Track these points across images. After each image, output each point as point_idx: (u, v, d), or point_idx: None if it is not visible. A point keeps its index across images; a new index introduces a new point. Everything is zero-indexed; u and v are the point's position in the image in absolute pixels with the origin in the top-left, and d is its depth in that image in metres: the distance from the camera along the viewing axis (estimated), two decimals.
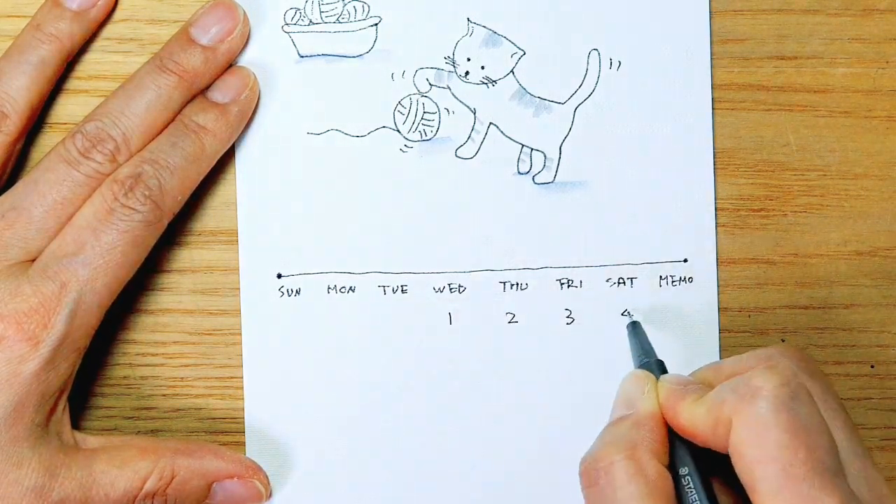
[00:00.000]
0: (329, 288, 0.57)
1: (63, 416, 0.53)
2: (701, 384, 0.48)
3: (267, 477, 0.56)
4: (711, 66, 0.57)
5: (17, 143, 0.55)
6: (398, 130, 0.57)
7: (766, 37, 0.57)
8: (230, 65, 0.56)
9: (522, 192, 0.57)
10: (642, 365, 0.52)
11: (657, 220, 0.57)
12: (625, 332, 0.57)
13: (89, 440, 0.53)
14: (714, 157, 0.57)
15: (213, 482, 0.54)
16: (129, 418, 0.57)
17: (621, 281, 0.57)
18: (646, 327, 0.56)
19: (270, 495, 0.56)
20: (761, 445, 0.42)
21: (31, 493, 0.51)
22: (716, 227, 0.57)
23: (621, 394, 0.49)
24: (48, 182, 0.53)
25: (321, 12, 0.57)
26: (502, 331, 0.57)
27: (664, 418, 0.47)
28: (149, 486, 0.53)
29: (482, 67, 0.57)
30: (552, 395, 0.57)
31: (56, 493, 0.51)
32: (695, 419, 0.45)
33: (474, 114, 0.57)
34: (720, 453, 0.45)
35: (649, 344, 0.53)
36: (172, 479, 0.53)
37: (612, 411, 0.49)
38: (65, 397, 0.53)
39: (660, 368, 0.51)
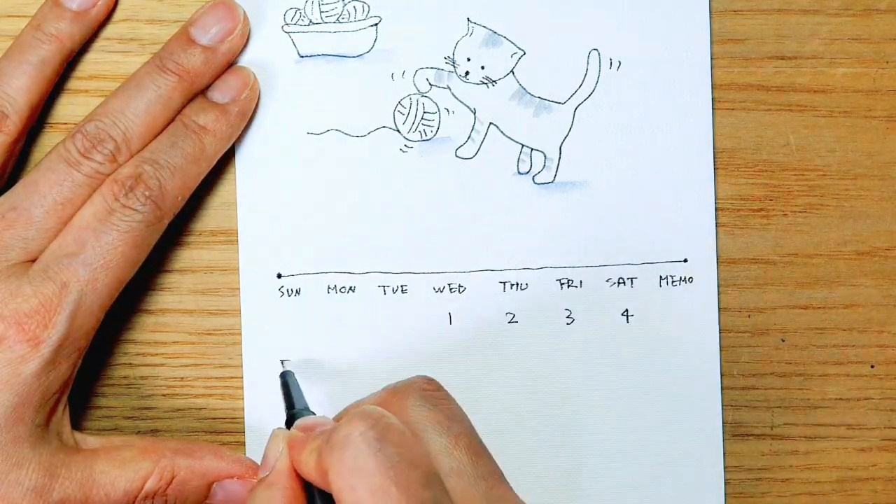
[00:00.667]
0: (329, 288, 0.57)
1: (63, 416, 0.53)
2: (315, 428, 0.47)
3: None
4: (711, 66, 0.57)
5: (17, 144, 0.55)
6: (398, 130, 0.57)
7: (766, 37, 0.57)
8: (230, 65, 0.56)
9: (522, 192, 0.57)
10: (287, 419, 0.51)
11: (657, 220, 0.57)
12: (624, 332, 0.57)
13: (89, 440, 0.53)
14: (714, 157, 0.57)
15: (213, 482, 0.54)
16: (129, 418, 0.57)
17: (621, 281, 0.57)
18: (646, 327, 0.56)
19: None
20: (355, 493, 0.42)
21: (32, 493, 0.51)
22: (716, 227, 0.57)
23: (265, 452, 0.49)
24: (48, 182, 0.53)
25: (321, 12, 0.57)
26: (502, 331, 0.57)
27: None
28: (149, 486, 0.53)
29: (482, 67, 0.57)
30: (552, 395, 0.57)
31: (56, 494, 0.51)
32: (308, 470, 0.45)
33: (474, 114, 0.57)
34: None
35: (299, 394, 0.52)
36: (172, 479, 0.53)
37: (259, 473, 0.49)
38: (65, 397, 0.53)
39: (305, 414, 0.50)
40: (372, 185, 0.57)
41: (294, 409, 0.51)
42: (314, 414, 0.50)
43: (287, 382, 0.53)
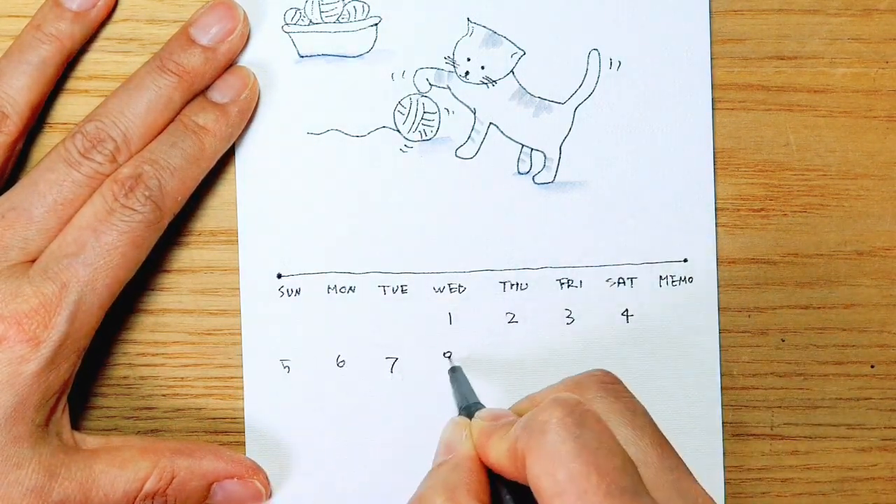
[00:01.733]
0: (329, 288, 0.57)
1: (63, 416, 0.53)
2: (504, 418, 0.48)
3: (267, 477, 0.56)
4: (711, 66, 0.57)
5: (17, 144, 0.55)
6: (398, 130, 0.57)
7: (766, 37, 0.57)
8: (230, 65, 0.56)
9: (522, 192, 0.57)
10: (462, 409, 0.52)
11: (657, 220, 0.57)
12: (624, 332, 0.57)
13: (89, 440, 0.53)
14: (714, 157, 0.57)
15: (212, 482, 0.54)
16: (129, 418, 0.57)
17: (621, 281, 0.57)
18: (646, 327, 0.56)
19: (270, 495, 0.56)
20: (555, 479, 0.42)
21: (32, 493, 0.51)
22: (716, 227, 0.57)
23: (441, 440, 0.49)
24: (48, 182, 0.53)
25: (321, 12, 0.57)
26: (502, 331, 0.57)
27: (479, 458, 0.47)
28: (148, 486, 0.53)
29: (482, 67, 0.57)
30: None
31: (56, 494, 0.51)
32: (499, 457, 0.45)
33: (474, 114, 0.57)
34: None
35: (469, 388, 0.53)
36: (172, 479, 0.53)
37: (434, 459, 0.50)
38: (65, 398, 0.53)
39: (479, 408, 0.51)
40: (372, 185, 0.57)
41: (471, 401, 0.52)
42: (485, 406, 0.51)
43: (458, 377, 0.54)
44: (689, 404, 0.57)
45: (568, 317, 0.57)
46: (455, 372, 0.55)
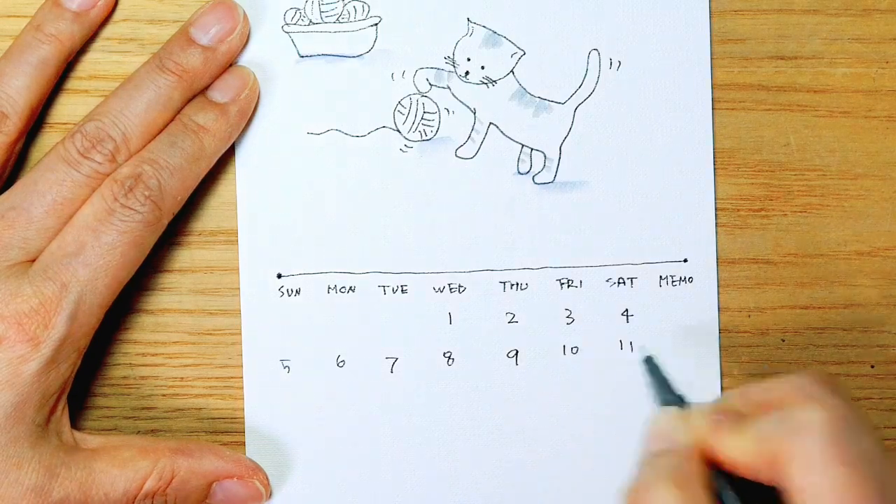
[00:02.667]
0: (329, 288, 0.57)
1: (63, 416, 0.53)
2: (733, 413, 0.46)
3: (267, 477, 0.56)
4: (711, 66, 0.57)
5: (16, 144, 0.55)
6: (398, 130, 0.57)
7: (766, 37, 0.57)
8: (230, 65, 0.56)
9: (522, 192, 0.57)
10: (667, 401, 0.50)
11: (657, 220, 0.57)
12: (624, 332, 0.57)
13: (89, 440, 0.53)
14: (714, 157, 0.57)
15: (212, 482, 0.54)
16: (129, 418, 0.57)
17: (621, 281, 0.57)
18: (646, 327, 0.56)
19: (270, 495, 0.56)
20: (822, 483, 0.41)
21: (31, 492, 0.51)
22: (716, 227, 0.57)
23: (655, 431, 0.47)
24: (48, 182, 0.53)
25: (321, 12, 0.57)
26: (502, 331, 0.57)
27: (703, 451, 0.46)
28: (148, 485, 0.53)
29: (482, 67, 0.57)
30: (552, 395, 0.57)
31: (56, 493, 0.51)
32: (740, 452, 0.44)
33: (474, 114, 0.57)
34: (760, 483, 0.44)
35: (669, 378, 0.52)
36: (172, 479, 0.53)
37: (647, 446, 0.48)
38: (64, 397, 0.53)
39: (685, 401, 0.50)
40: (372, 185, 0.57)
41: (672, 394, 0.50)
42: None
43: (655, 367, 0.52)
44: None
45: (568, 317, 0.57)
46: (650, 362, 0.52)
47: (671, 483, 0.44)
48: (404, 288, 0.57)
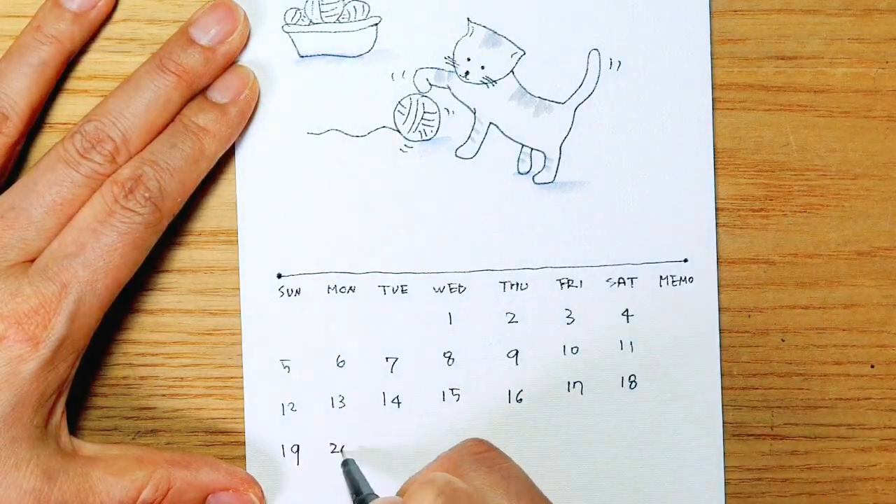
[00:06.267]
0: (329, 288, 0.57)
1: (61, 420, 0.53)
2: (400, 499, 0.48)
3: (262, 490, 0.56)
4: (711, 66, 0.57)
5: (17, 145, 0.55)
6: (398, 130, 0.57)
7: (766, 37, 0.57)
8: (230, 65, 0.56)
9: (522, 192, 0.57)
10: (357, 502, 0.52)
11: (657, 220, 0.57)
12: (624, 332, 0.57)
13: (86, 447, 0.53)
14: (714, 157, 0.57)
15: (208, 494, 0.54)
16: (129, 418, 0.57)
17: (621, 281, 0.57)
18: (646, 327, 0.56)
19: None
20: None
21: (30, 495, 0.51)
22: (716, 227, 0.57)
23: None
24: (47, 182, 0.53)
25: (321, 12, 0.57)
26: (502, 331, 0.57)
27: None
28: (144, 496, 0.53)
29: (482, 67, 0.57)
30: (551, 395, 0.57)
31: (54, 498, 0.51)
32: None
33: (474, 114, 0.57)
34: None
35: (362, 478, 0.54)
36: (168, 490, 0.53)
37: None
38: (63, 400, 0.53)
39: (371, 498, 0.52)
40: (372, 185, 0.57)
41: (362, 494, 0.52)
42: (378, 497, 0.52)
43: (350, 469, 0.55)
44: (689, 404, 0.57)
45: (568, 317, 0.57)
46: (348, 464, 0.55)
47: None
48: (404, 288, 0.57)
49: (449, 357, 0.57)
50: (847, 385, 0.58)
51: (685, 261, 0.57)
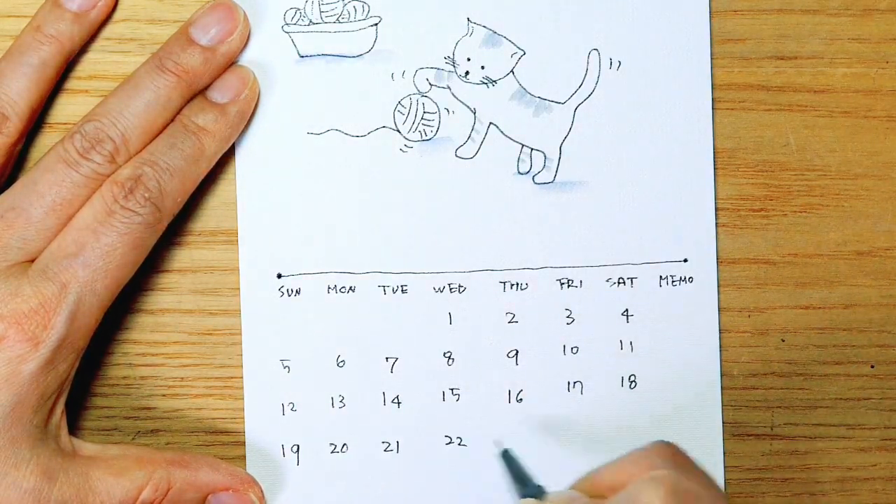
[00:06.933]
0: (329, 288, 0.57)
1: (61, 420, 0.53)
2: (584, 497, 0.48)
3: (262, 491, 0.56)
4: (711, 66, 0.57)
5: (17, 145, 0.55)
6: (398, 130, 0.57)
7: (766, 37, 0.57)
8: (230, 65, 0.56)
9: (522, 192, 0.57)
10: (525, 495, 0.51)
11: (657, 220, 0.57)
12: (624, 332, 0.57)
13: (86, 447, 0.53)
14: (714, 157, 0.57)
15: (208, 494, 0.54)
16: (129, 418, 0.57)
17: (621, 281, 0.57)
18: (646, 327, 0.56)
19: None
20: None
21: (30, 495, 0.51)
22: (716, 227, 0.57)
23: None
24: (47, 182, 0.53)
25: (321, 12, 0.57)
26: (502, 331, 0.57)
27: None
28: (144, 496, 0.53)
29: (482, 67, 0.57)
30: (551, 395, 0.57)
31: (54, 498, 0.51)
32: None
33: (474, 114, 0.57)
34: None
35: (525, 470, 0.53)
36: (168, 490, 0.53)
37: None
38: (62, 400, 0.53)
39: (541, 492, 0.51)
40: (372, 185, 0.57)
41: (528, 487, 0.51)
42: (547, 490, 0.51)
43: (511, 460, 0.54)
44: (689, 404, 0.57)
45: (568, 317, 0.57)
46: (506, 455, 0.54)
47: None
48: (404, 288, 0.57)
49: (449, 357, 0.57)
50: (847, 385, 0.58)
51: (685, 261, 0.57)
